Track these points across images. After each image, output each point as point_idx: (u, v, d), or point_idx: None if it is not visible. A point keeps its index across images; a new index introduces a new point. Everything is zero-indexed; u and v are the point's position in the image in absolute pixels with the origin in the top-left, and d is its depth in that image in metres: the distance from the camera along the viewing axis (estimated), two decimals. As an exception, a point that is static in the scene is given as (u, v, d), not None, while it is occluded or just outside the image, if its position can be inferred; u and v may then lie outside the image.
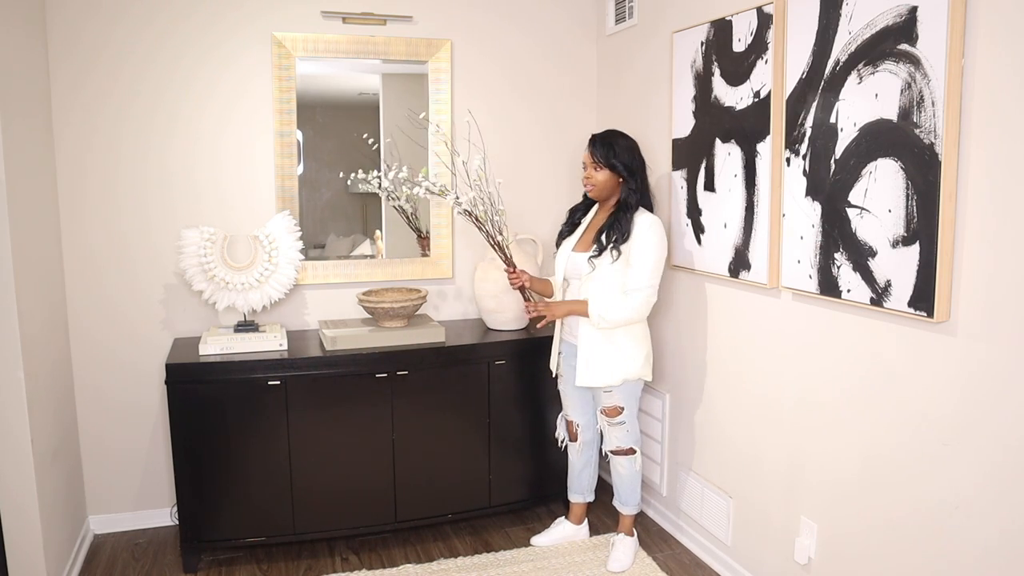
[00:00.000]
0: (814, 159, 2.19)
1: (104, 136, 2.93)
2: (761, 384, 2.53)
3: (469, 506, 3.06)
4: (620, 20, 3.29)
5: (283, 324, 3.18)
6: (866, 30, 1.97)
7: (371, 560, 2.89)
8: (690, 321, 2.92)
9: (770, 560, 2.54)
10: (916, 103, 1.83)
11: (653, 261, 2.63)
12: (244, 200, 3.11)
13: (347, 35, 3.15)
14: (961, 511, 1.83)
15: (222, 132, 3.06)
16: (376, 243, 3.35)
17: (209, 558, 2.90)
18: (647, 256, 2.62)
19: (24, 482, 2.35)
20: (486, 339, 3.09)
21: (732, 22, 2.52)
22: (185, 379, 2.69)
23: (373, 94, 3.28)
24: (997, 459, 1.73)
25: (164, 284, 3.06)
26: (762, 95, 2.39)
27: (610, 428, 2.80)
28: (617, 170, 2.68)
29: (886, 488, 2.04)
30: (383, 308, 2.97)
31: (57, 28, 2.83)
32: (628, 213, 2.65)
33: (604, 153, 2.68)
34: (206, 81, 3.02)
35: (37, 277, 2.55)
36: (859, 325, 2.10)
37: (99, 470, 3.07)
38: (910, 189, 1.86)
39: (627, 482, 2.88)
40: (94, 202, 2.95)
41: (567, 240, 2.85)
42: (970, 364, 1.79)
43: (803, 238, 2.25)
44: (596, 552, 2.92)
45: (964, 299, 1.79)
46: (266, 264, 2.96)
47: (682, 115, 2.83)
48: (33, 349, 2.42)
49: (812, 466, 2.33)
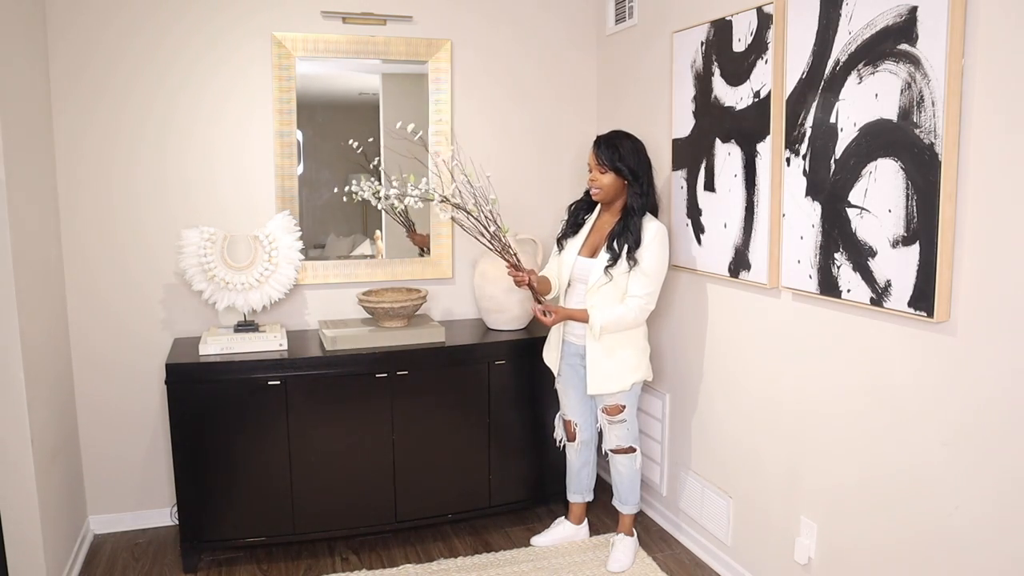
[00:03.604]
0: (814, 159, 2.19)
1: (104, 136, 2.93)
2: (761, 384, 2.53)
3: (469, 506, 3.06)
4: (620, 20, 3.29)
5: (283, 324, 3.18)
6: (866, 30, 1.97)
7: (371, 560, 2.89)
8: (690, 321, 2.92)
9: (770, 560, 2.54)
10: (916, 103, 1.83)
11: (656, 270, 2.64)
12: (244, 200, 3.11)
13: (347, 35, 3.15)
14: (961, 511, 1.83)
15: (222, 132, 3.06)
16: (376, 243, 3.35)
17: (209, 558, 2.90)
18: (651, 265, 2.62)
19: (24, 482, 2.35)
20: (486, 339, 3.09)
21: (732, 22, 2.52)
22: (185, 379, 2.69)
23: (373, 94, 3.28)
24: (997, 459, 1.73)
25: (164, 284, 3.06)
26: (762, 95, 2.39)
27: (611, 427, 2.80)
28: (622, 173, 2.67)
29: (886, 488, 2.04)
30: (383, 308, 2.97)
31: (56, 31, 2.83)
32: (637, 219, 2.64)
33: (609, 156, 2.66)
34: (206, 81, 3.02)
35: (37, 277, 2.55)
36: (859, 325, 2.10)
37: (99, 470, 3.07)
38: (910, 189, 1.87)
39: (627, 481, 2.88)
40: (94, 202, 2.95)
41: (571, 241, 2.82)
42: (970, 364, 1.79)
43: (803, 238, 2.25)
44: (596, 552, 2.92)
45: (964, 299, 1.79)
46: (266, 264, 2.96)
47: (682, 115, 2.83)
48: (33, 349, 2.42)
49: (812, 466, 2.33)
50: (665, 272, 2.68)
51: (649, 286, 2.63)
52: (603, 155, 2.67)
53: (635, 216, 2.65)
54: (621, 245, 2.63)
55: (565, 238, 2.86)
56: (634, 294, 2.63)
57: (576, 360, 2.81)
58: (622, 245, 2.63)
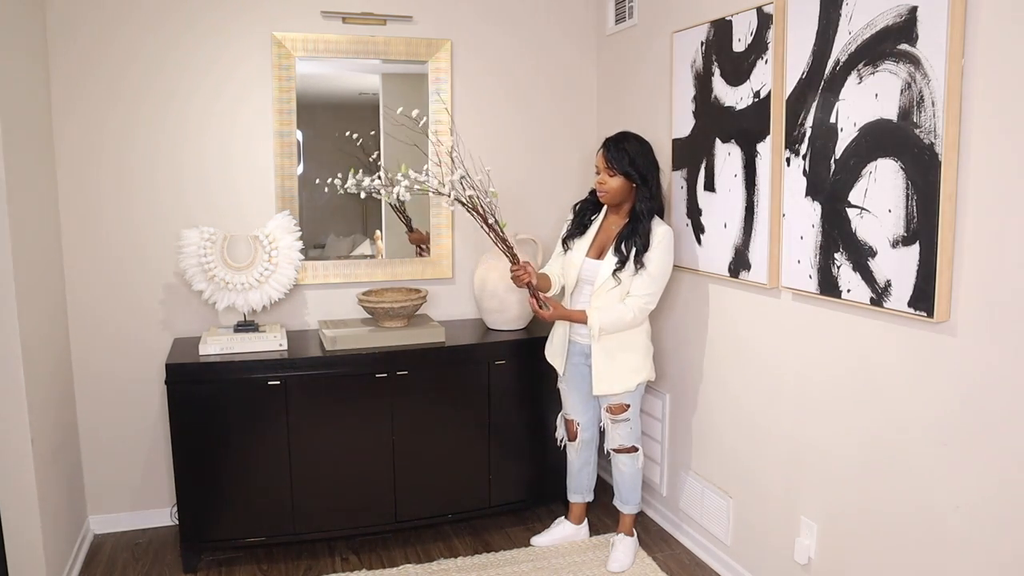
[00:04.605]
0: (814, 159, 2.19)
1: (103, 136, 2.93)
2: (761, 384, 2.53)
3: (469, 506, 3.06)
4: (620, 20, 3.29)
5: (283, 324, 3.18)
6: (866, 30, 1.97)
7: (371, 560, 2.89)
8: (690, 321, 2.92)
9: (770, 560, 2.54)
10: (916, 103, 1.83)
11: (660, 273, 2.64)
12: (244, 200, 3.11)
13: (347, 35, 3.15)
14: (961, 511, 1.83)
15: (222, 132, 3.06)
16: (376, 243, 3.35)
17: (209, 558, 2.90)
18: (656, 268, 2.62)
19: (24, 482, 2.35)
20: (486, 339, 3.09)
21: (732, 22, 2.52)
22: (185, 379, 2.69)
23: (373, 94, 3.28)
24: (997, 459, 1.73)
25: (164, 284, 3.06)
26: (762, 95, 2.39)
27: (614, 426, 2.80)
28: (632, 177, 2.66)
29: (886, 488, 2.05)
30: (383, 308, 2.97)
31: (56, 31, 2.83)
32: (646, 223, 2.64)
33: (618, 159, 2.65)
34: (205, 80, 3.02)
35: (37, 277, 2.55)
36: (859, 325, 2.10)
37: (99, 470, 3.07)
38: (910, 189, 1.87)
39: (628, 480, 2.88)
40: (94, 202, 2.95)
41: (578, 241, 2.81)
42: (970, 364, 1.79)
43: (803, 238, 2.25)
44: (596, 552, 2.92)
45: (964, 299, 1.79)
46: (266, 264, 2.96)
47: (682, 115, 2.83)
48: (33, 349, 2.42)
49: (812, 466, 2.33)
50: (669, 275, 2.69)
51: (651, 287, 2.64)
52: (613, 158, 2.65)
53: (644, 220, 2.64)
54: (629, 248, 2.63)
55: (571, 238, 2.84)
56: (635, 294, 2.63)
57: (581, 360, 2.81)
58: (630, 248, 2.63)
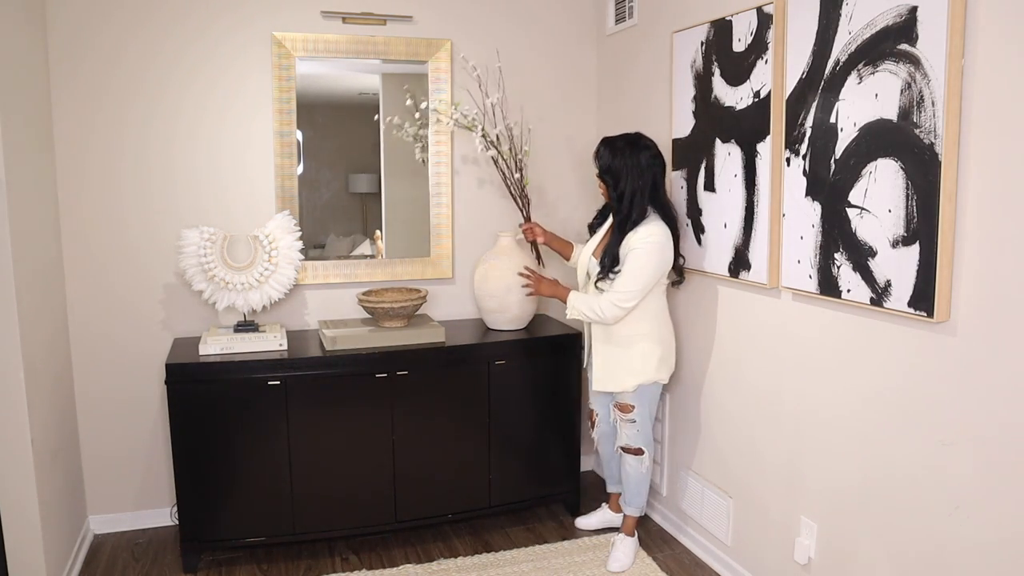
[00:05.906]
0: (814, 159, 2.19)
1: (103, 136, 2.93)
2: (761, 384, 2.53)
3: (469, 506, 3.06)
4: (620, 20, 3.29)
5: (283, 324, 3.18)
6: (866, 30, 1.97)
7: (371, 560, 2.89)
8: (690, 321, 2.92)
9: (770, 560, 2.54)
10: (916, 103, 1.83)
11: (637, 270, 2.59)
12: (244, 200, 3.11)
13: (347, 35, 3.15)
14: (961, 511, 1.83)
15: (222, 132, 3.06)
16: (376, 243, 3.35)
17: (209, 558, 2.90)
18: (632, 265, 2.59)
19: (24, 482, 2.35)
20: (486, 339, 3.09)
21: (732, 22, 2.52)
22: (185, 379, 2.69)
23: (373, 94, 3.27)
24: (997, 459, 1.73)
25: (164, 284, 3.06)
26: (762, 95, 2.39)
27: (621, 424, 2.82)
28: (607, 183, 2.68)
29: (886, 488, 2.05)
30: (383, 308, 2.97)
31: (57, 28, 2.83)
32: (617, 236, 2.64)
33: (598, 165, 2.70)
34: (206, 81, 3.02)
35: (37, 277, 2.55)
36: (859, 325, 2.10)
37: (99, 470, 3.07)
38: (910, 189, 1.86)
39: (632, 482, 2.87)
40: (94, 202, 2.95)
41: (594, 235, 2.88)
42: (970, 364, 1.79)
43: (803, 238, 2.25)
44: (596, 552, 2.92)
45: (964, 299, 1.79)
46: (266, 264, 2.96)
47: (682, 115, 2.83)
48: (33, 349, 2.42)
49: (812, 466, 2.33)
50: (652, 275, 2.61)
51: (625, 284, 2.60)
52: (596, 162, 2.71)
53: (615, 233, 2.66)
54: (604, 264, 2.67)
55: (593, 230, 2.94)
56: (610, 290, 2.64)
57: None
58: (604, 264, 2.67)
